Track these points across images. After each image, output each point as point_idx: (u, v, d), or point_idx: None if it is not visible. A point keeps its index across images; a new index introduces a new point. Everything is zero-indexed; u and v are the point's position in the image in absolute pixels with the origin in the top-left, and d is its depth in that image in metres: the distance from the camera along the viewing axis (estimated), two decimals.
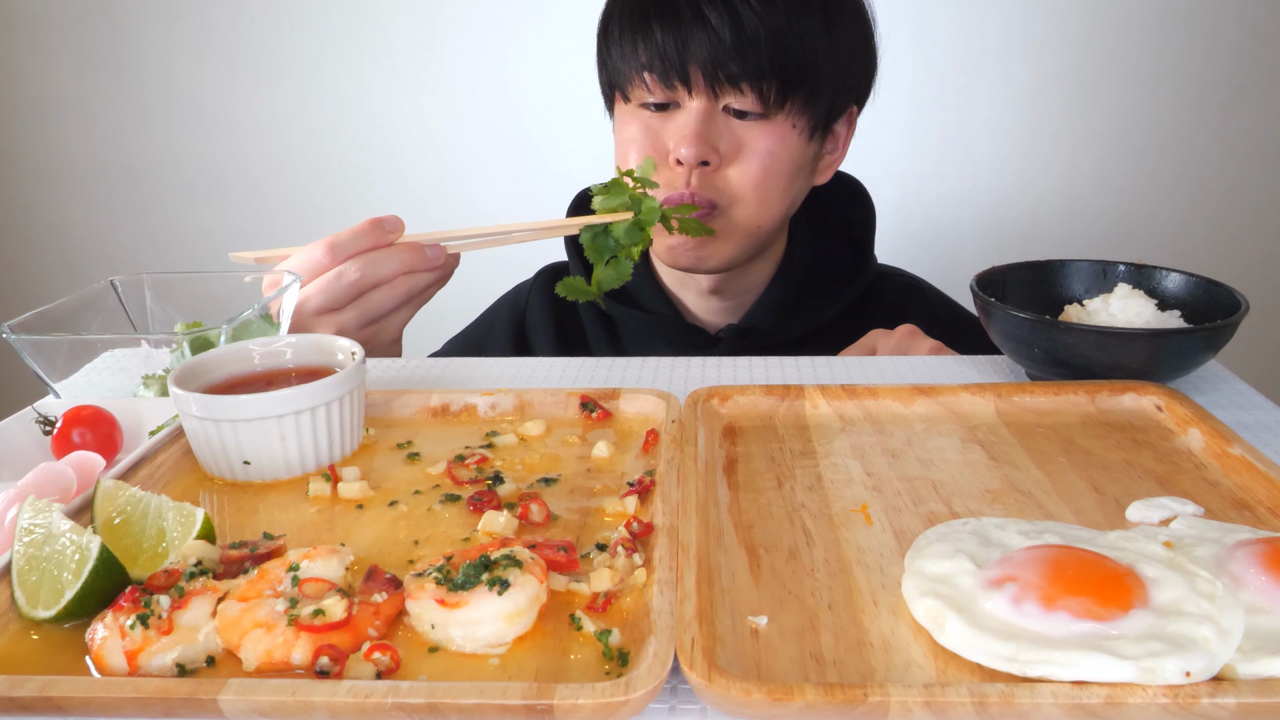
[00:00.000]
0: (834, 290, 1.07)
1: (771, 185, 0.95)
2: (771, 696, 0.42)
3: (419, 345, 2.26)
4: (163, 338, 0.90)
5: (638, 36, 0.93)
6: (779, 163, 0.95)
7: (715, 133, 0.93)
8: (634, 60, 0.93)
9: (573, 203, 1.15)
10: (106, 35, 2.08)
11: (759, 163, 0.94)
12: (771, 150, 0.94)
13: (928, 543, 0.54)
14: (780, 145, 0.94)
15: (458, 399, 0.78)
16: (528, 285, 1.23)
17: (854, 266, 1.09)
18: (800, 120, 0.94)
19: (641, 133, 0.97)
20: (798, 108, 0.93)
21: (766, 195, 0.96)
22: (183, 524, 0.56)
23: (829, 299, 1.07)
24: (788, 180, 0.97)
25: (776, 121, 0.93)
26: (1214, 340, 0.77)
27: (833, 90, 0.96)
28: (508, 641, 0.48)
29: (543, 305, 1.19)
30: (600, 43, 1.00)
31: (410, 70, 2.07)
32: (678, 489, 0.60)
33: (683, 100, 0.93)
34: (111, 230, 2.24)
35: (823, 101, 0.95)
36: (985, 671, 0.45)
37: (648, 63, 0.92)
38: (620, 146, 1.01)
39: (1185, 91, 1.94)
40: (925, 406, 0.77)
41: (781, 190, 0.97)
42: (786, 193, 0.98)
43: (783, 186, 0.97)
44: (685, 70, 0.90)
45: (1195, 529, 0.56)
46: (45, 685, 0.43)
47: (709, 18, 0.89)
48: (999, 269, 0.91)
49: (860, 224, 1.13)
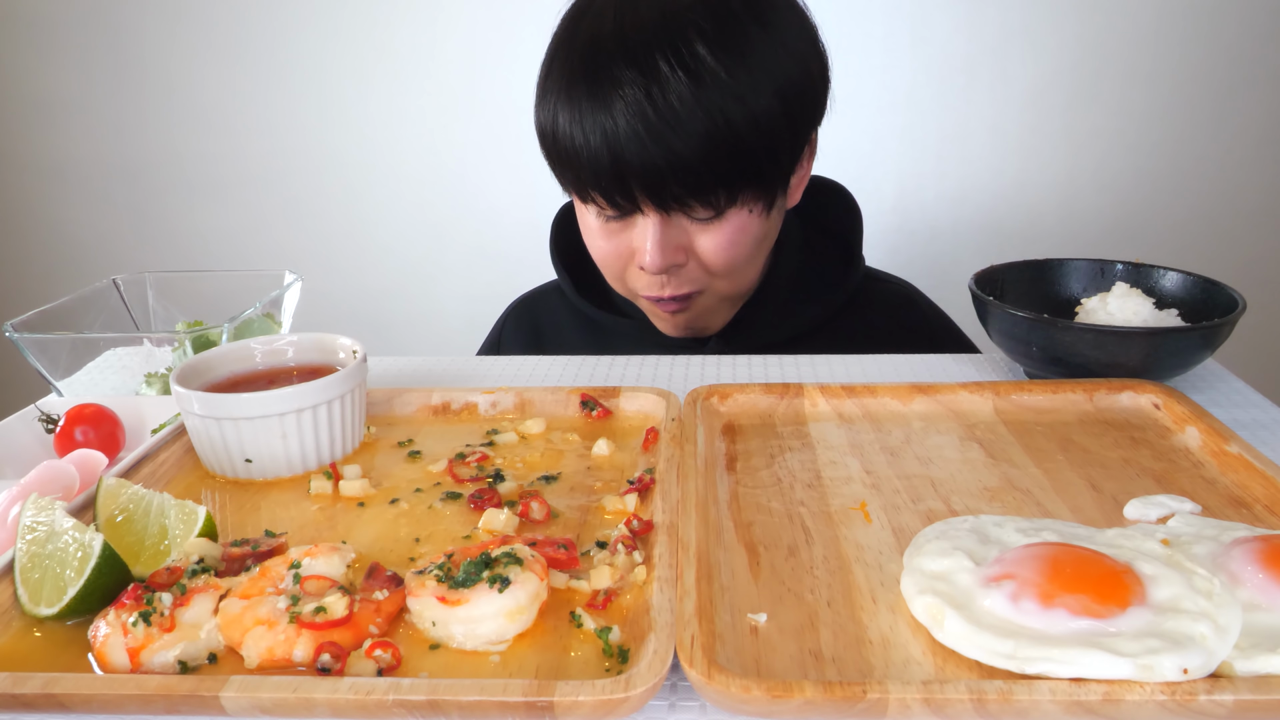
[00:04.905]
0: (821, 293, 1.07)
1: (743, 260, 0.96)
2: (771, 694, 0.42)
3: (419, 345, 2.26)
4: (165, 336, 0.90)
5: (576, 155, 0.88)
6: (746, 241, 0.94)
7: (677, 234, 0.92)
8: (577, 179, 0.91)
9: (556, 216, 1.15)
10: (108, 36, 2.09)
11: (728, 251, 0.93)
12: (733, 242, 0.92)
13: (926, 540, 0.54)
14: (741, 235, 0.93)
15: (459, 397, 0.78)
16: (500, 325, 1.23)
17: (842, 270, 1.09)
18: (757, 205, 0.92)
19: (603, 239, 0.95)
20: (749, 196, 0.91)
21: (739, 274, 0.97)
22: (185, 522, 0.56)
23: (817, 302, 1.07)
24: (755, 253, 0.97)
25: (733, 214, 0.91)
26: (1211, 339, 0.77)
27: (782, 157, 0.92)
28: (508, 639, 0.48)
29: (520, 337, 1.18)
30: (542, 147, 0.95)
31: (410, 71, 2.07)
32: (677, 487, 0.60)
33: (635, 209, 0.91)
34: (114, 229, 2.25)
35: (775, 175, 0.92)
36: (983, 669, 0.45)
37: (592, 182, 0.89)
38: (586, 239, 1.00)
39: (1183, 91, 1.94)
40: (924, 405, 0.77)
41: (752, 263, 0.98)
42: (757, 260, 0.99)
43: (752, 260, 0.97)
44: (632, 196, 0.88)
45: (1193, 527, 0.56)
46: (48, 682, 0.44)
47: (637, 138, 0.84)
48: (997, 268, 0.92)
49: (847, 227, 1.13)
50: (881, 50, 1.96)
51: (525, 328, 1.19)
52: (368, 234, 2.19)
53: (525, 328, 1.19)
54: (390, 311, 2.23)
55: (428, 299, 2.22)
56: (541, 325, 1.18)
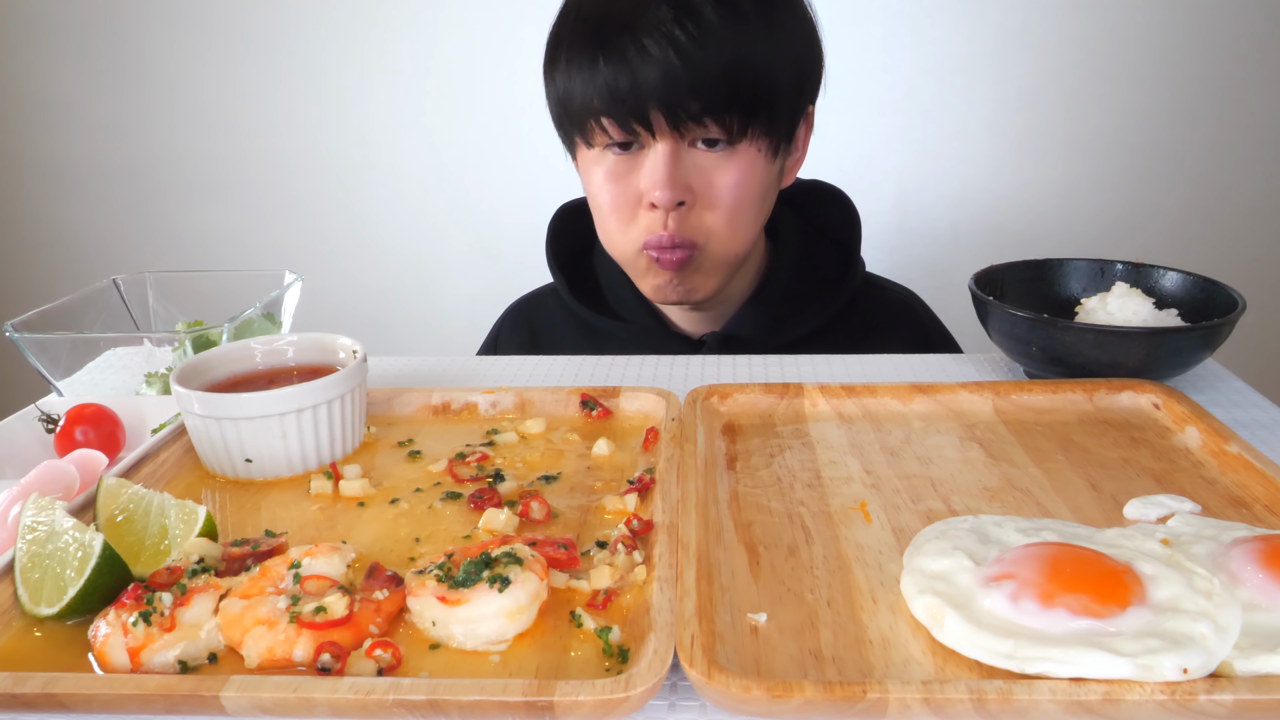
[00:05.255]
0: (818, 299, 1.07)
1: (744, 214, 0.97)
2: (771, 693, 0.42)
3: (419, 345, 2.26)
4: (165, 336, 0.90)
5: (590, 85, 0.92)
6: (749, 191, 0.96)
7: (685, 172, 0.94)
8: (590, 109, 0.93)
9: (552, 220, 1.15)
10: (108, 35, 2.09)
11: (731, 196, 0.95)
12: (740, 181, 0.95)
13: (926, 540, 0.54)
14: (749, 175, 0.95)
15: (459, 397, 0.78)
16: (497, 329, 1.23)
17: (839, 274, 1.09)
18: (764, 143, 0.95)
19: (611, 180, 0.97)
20: (760, 131, 0.93)
21: (740, 226, 0.97)
22: (185, 521, 0.56)
23: (813, 308, 1.07)
24: (758, 205, 0.98)
25: (742, 149, 0.94)
26: (1211, 339, 0.77)
27: (790, 102, 0.96)
28: (508, 638, 0.48)
29: (516, 341, 1.19)
30: (549, 89, 0.99)
31: (410, 71, 2.07)
32: (677, 486, 0.60)
33: (646, 141, 0.93)
34: (114, 229, 2.25)
35: (783, 117, 0.96)
36: (983, 668, 0.45)
37: (605, 109, 0.92)
38: (590, 193, 1.01)
39: (1182, 91, 1.94)
40: (924, 405, 0.77)
41: (753, 216, 0.99)
42: (758, 216, 1.00)
43: (754, 212, 0.98)
44: (645, 114, 0.90)
45: (1192, 526, 0.56)
46: (48, 682, 0.44)
47: (661, 59, 0.88)
48: (997, 268, 0.92)
49: (845, 231, 1.13)
50: (881, 50, 1.97)
51: (521, 332, 1.19)
52: (368, 234, 2.19)
53: (521, 332, 1.19)
54: (390, 311, 2.23)
55: (428, 299, 2.22)
56: (537, 329, 1.18)
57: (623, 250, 1.01)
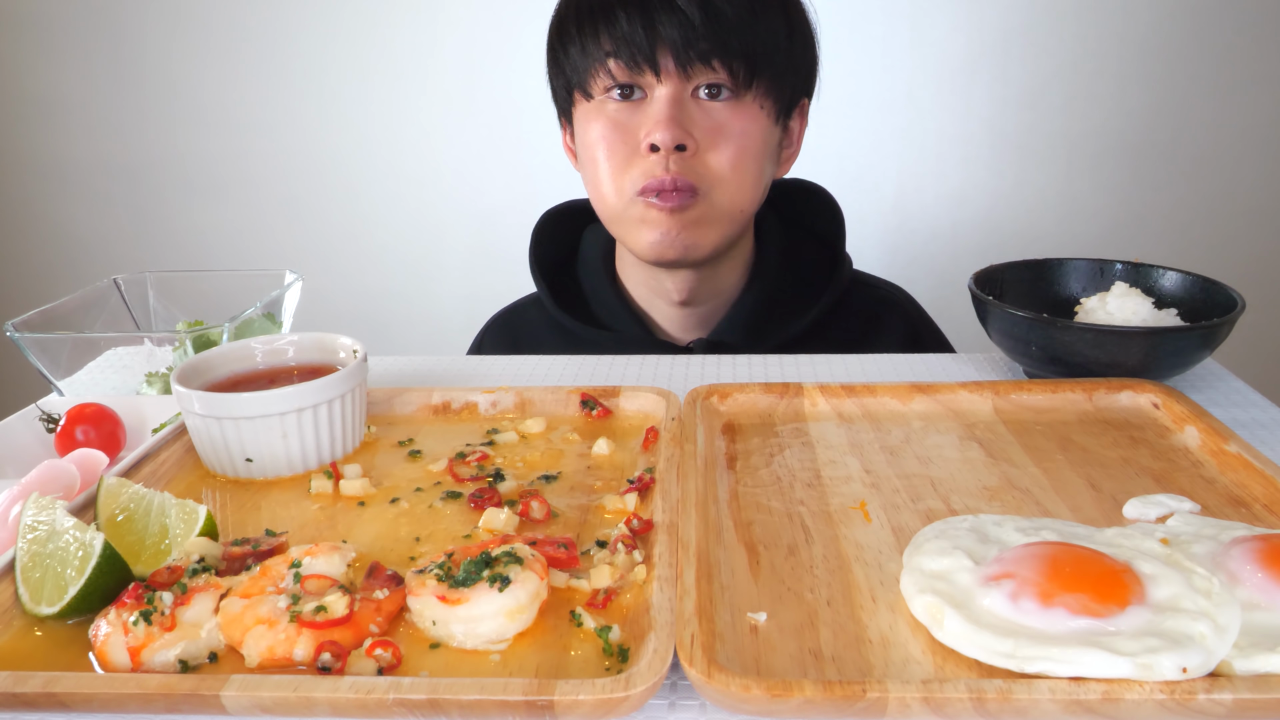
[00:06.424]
0: (806, 299, 1.07)
1: (749, 165, 0.96)
2: (770, 693, 0.42)
3: (419, 345, 2.26)
4: (165, 336, 0.90)
5: (601, 26, 0.93)
6: (753, 142, 0.96)
7: (688, 118, 0.93)
8: (597, 51, 0.93)
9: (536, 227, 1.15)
10: (109, 36, 2.09)
11: (735, 144, 0.95)
12: (745, 130, 0.95)
13: (926, 539, 0.54)
14: (753, 125, 0.96)
15: (459, 397, 0.78)
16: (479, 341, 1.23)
17: (826, 274, 1.09)
18: (767, 103, 0.95)
19: (609, 127, 0.95)
20: (764, 89, 0.94)
21: (745, 176, 0.97)
22: (185, 521, 0.56)
23: (800, 309, 1.06)
24: (762, 162, 0.98)
25: (745, 103, 0.94)
26: (1210, 338, 0.77)
27: (792, 76, 0.98)
28: (508, 638, 0.48)
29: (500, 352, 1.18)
30: (555, 45, 0.99)
31: (410, 70, 2.07)
32: (677, 486, 0.61)
33: (650, 89, 0.94)
34: (114, 229, 2.25)
35: (786, 85, 0.97)
36: (983, 668, 0.45)
37: (614, 50, 0.92)
38: (586, 148, 0.99)
39: (1182, 91, 1.95)
40: (923, 404, 0.77)
41: (757, 171, 0.98)
42: (761, 175, 0.99)
43: (758, 168, 0.98)
44: (654, 54, 0.91)
45: (1192, 526, 0.56)
46: (49, 681, 0.44)
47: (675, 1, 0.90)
48: (996, 267, 0.92)
49: (830, 229, 1.13)
50: (881, 50, 1.97)
51: (504, 343, 1.19)
52: (368, 234, 2.19)
53: (504, 343, 1.19)
54: (390, 311, 2.23)
55: (428, 299, 2.22)
56: (520, 340, 1.17)
57: (615, 201, 0.98)
